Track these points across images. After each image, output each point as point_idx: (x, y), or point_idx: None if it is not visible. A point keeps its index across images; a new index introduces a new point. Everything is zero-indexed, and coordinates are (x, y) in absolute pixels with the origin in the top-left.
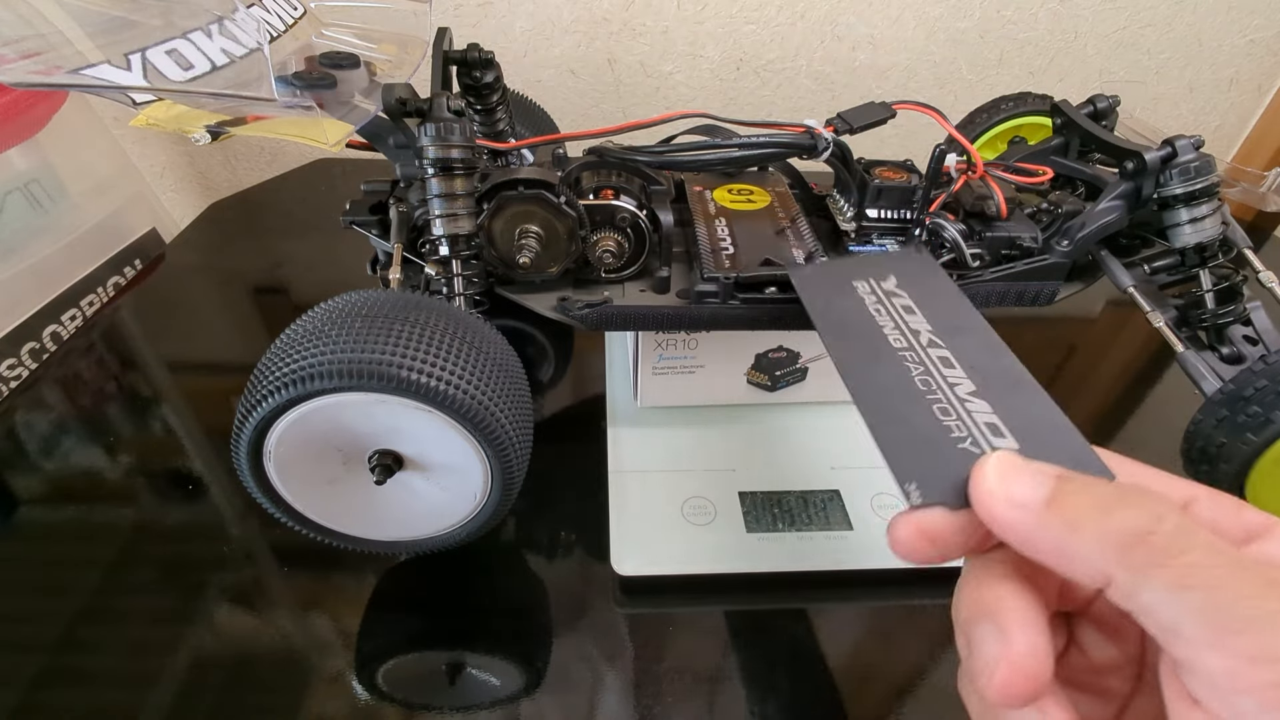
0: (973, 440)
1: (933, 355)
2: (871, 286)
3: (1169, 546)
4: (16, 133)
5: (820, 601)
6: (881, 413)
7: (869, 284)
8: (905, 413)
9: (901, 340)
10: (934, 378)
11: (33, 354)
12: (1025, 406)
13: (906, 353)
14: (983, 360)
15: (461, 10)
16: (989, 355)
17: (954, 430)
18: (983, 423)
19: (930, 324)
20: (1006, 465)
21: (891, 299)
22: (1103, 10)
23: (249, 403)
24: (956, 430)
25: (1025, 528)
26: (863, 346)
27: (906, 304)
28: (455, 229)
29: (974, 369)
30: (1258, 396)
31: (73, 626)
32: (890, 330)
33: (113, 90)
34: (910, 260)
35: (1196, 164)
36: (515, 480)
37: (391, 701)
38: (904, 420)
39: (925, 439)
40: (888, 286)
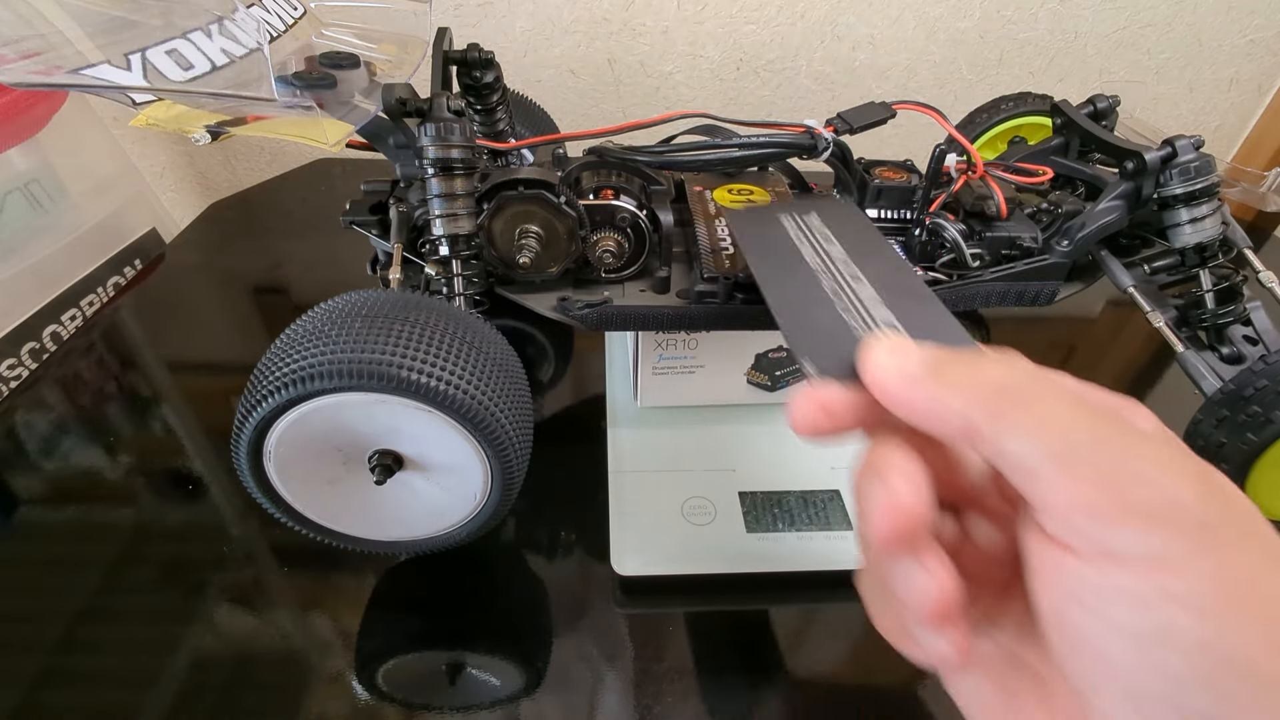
0: (868, 332)
1: (844, 271)
2: (796, 221)
3: (1026, 395)
4: (16, 133)
5: (820, 601)
6: (791, 312)
7: (794, 219)
8: (813, 313)
9: (817, 261)
10: (842, 288)
11: (33, 354)
12: (922, 312)
13: (820, 271)
14: (889, 279)
15: (461, 10)
16: (895, 275)
17: (854, 326)
18: (881, 320)
19: (845, 250)
20: (894, 343)
21: (813, 231)
22: (1103, 10)
23: (249, 403)
24: (856, 326)
25: (905, 392)
26: (781, 266)
27: (825, 234)
28: (455, 229)
29: (880, 285)
30: (1258, 396)
31: (73, 626)
32: (808, 254)
33: (113, 90)
34: (834, 204)
35: (1196, 164)
36: (515, 480)
37: (391, 701)
38: (810, 318)
39: (827, 330)
40: (811, 222)
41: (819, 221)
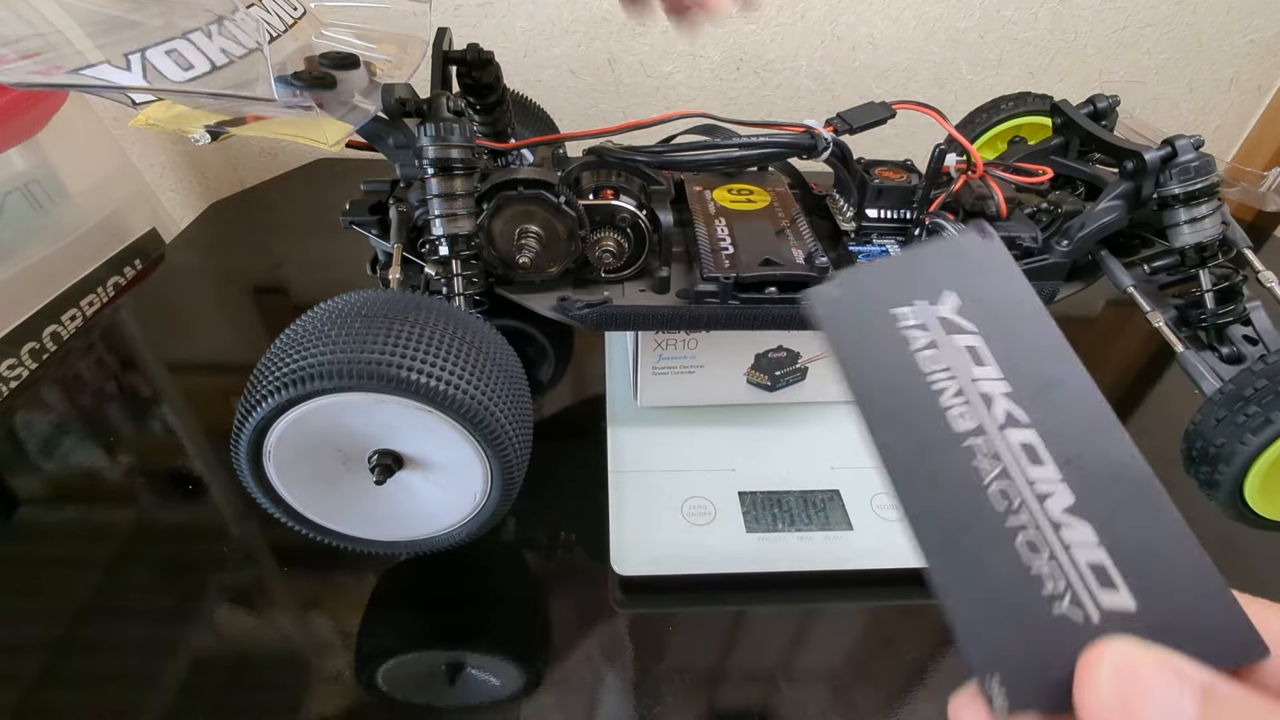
0: (1072, 597)
1: (1012, 441)
2: (921, 316)
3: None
4: (16, 133)
5: (820, 601)
6: (949, 556)
7: (916, 309)
8: (979, 553)
9: (968, 417)
10: (1016, 483)
11: (33, 354)
12: (1140, 526)
13: (976, 439)
14: (1081, 441)
15: (461, 10)
16: (1088, 430)
17: (1047, 581)
18: (1085, 564)
19: (1008, 380)
20: (1129, 670)
21: (951, 336)
22: (1103, 10)
23: (249, 403)
24: (1050, 580)
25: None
26: (913, 429)
27: (973, 345)
28: (455, 229)
29: (1069, 462)
30: (1257, 396)
31: (73, 626)
32: (951, 399)
33: (112, 90)
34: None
35: (1196, 164)
36: (515, 480)
37: (391, 701)
38: (978, 568)
39: (1009, 599)
40: (945, 313)
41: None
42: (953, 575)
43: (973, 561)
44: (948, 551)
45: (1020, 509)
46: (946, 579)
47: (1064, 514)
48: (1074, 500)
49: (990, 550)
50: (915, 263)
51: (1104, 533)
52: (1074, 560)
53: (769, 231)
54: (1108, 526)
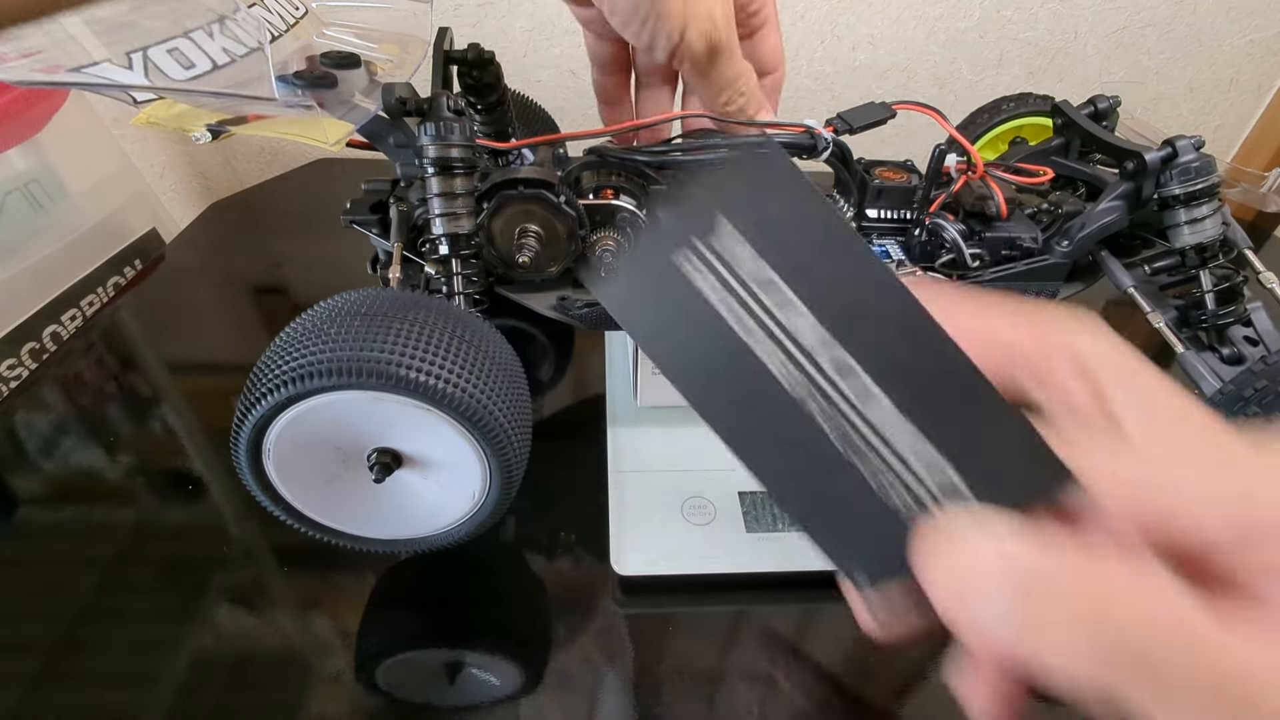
0: (911, 492)
1: (823, 361)
2: (707, 260)
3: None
4: (16, 133)
5: (820, 601)
6: (796, 486)
7: (702, 255)
8: (822, 476)
9: (784, 362)
10: (837, 403)
11: (33, 354)
12: (952, 405)
13: (789, 369)
14: (895, 351)
15: (461, 10)
16: (901, 340)
17: (884, 482)
18: (913, 458)
19: (815, 314)
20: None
21: (744, 277)
22: (1103, 10)
23: (248, 401)
24: (887, 481)
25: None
26: (735, 390)
27: (768, 280)
28: (455, 228)
29: (887, 375)
30: (1258, 397)
31: (73, 626)
32: (762, 345)
33: (114, 88)
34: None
35: (1197, 164)
36: (514, 478)
37: (391, 701)
38: (825, 487)
39: (857, 507)
40: (729, 250)
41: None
42: (801, 494)
43: (814, 479)
44: (791, 477)
45: (846, 426)
46: (797, 500)
47: (891, 423)
48: (897, 406)
49: (827, 466)
50: (682, 200)
51: (923, 421)
52: (901, 455)
53: None
54: (926, 414)
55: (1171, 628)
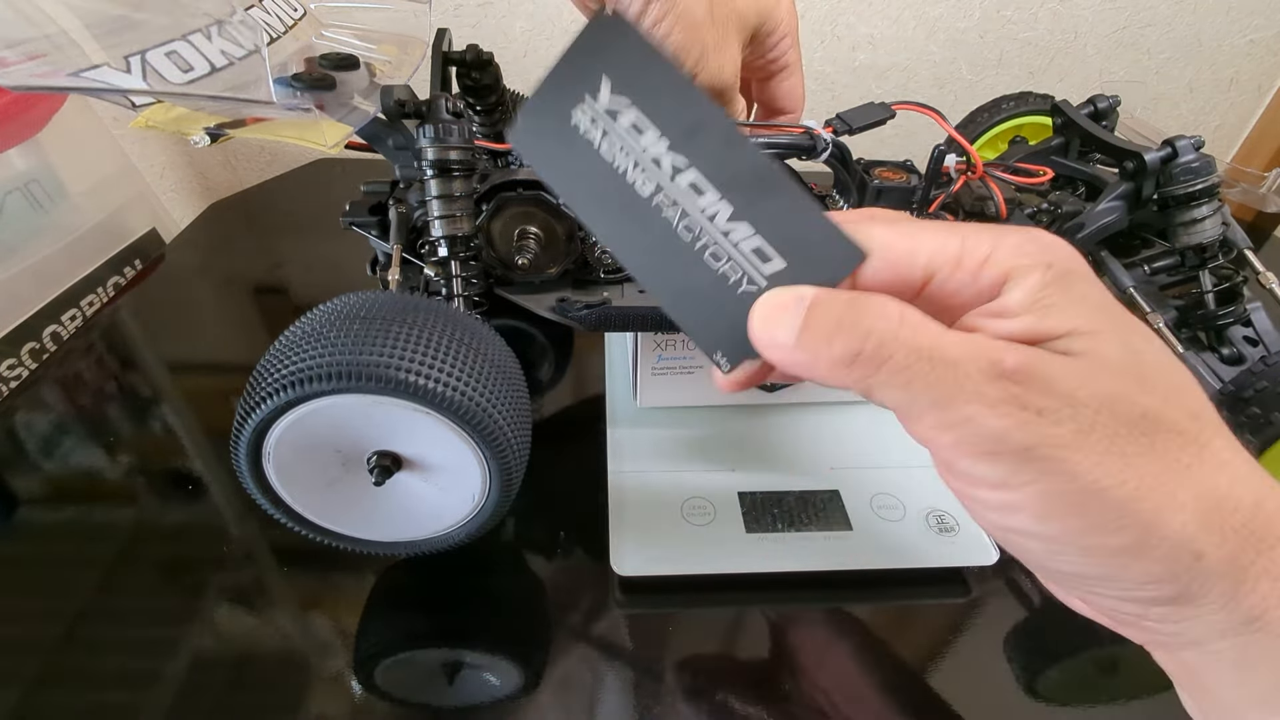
0: (747, 278)
1: (682, 184)
2: (591, 114)
3: (875, 358)
4: (16, 133)
5: (820, 601)
6: (671, 289)
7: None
8: (687, 277)
9: (649, 182)
10: (692, 216)
11: (33, 354)
12: (776, 207)
13: (659, 196)
14: (727, 164)
15: (461, 10)
16: (729, 153)
17: (730, 274)
18: (749, 250)
19: (665, 136)
20: (766, 311)
21: (616, 119)
22: (1103, 10)
23: (248, 404)
24: (732, 273)
25: (788, 365)
26: (620, 212)
27: (633, 119)
28: (454, 230)
29: (723, 183)
30: (1258, 398)
31: (73, 626)
32: (634, 174)
33: (112, 93)
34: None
35: (1197, 165)
36: (513, 481)
37: (391, 701)
38: (689, 286)
39: (712, 298)
40: (605, 102)
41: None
42: (673, 297)
43: (683, 283)
44: (666, 284)
45: (701, 233)
46: (670, 300)
47: (727, 222)
48: (732, 210)
49: (691, 270)
50: (570, 62)
51: (755, 223)
52: (742, 251)
53: None
54: (756, 217)
55: (900, 322)
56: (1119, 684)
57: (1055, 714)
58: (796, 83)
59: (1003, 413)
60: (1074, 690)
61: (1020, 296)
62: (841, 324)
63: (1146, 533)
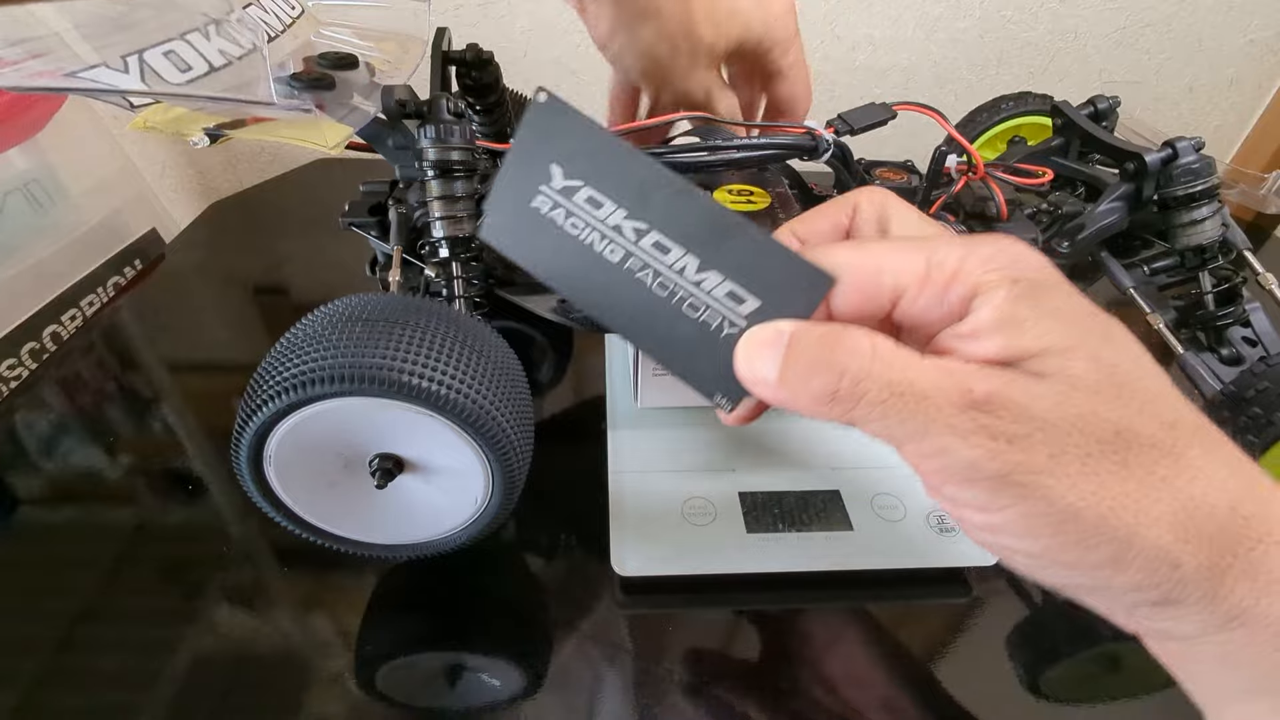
0: (727, 321)
1: (646, 246)
2: (549, 196)
3: (851, 395)
4: (16, 133)
5: (820, 601)
6: (660, 344)
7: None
8: (672, 330)
9: (617, 249)
10: (664, 275)
11: (33, 354)
12: (739, 250)
13: (630, 260)
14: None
15: (461, 10)
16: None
17: (710, 321)
18: (722, 295)
19: (620, 205)
20: (748, 350)
21: (571, 198)
22: (1103, 10)
23: (249, 408)
24: (712, 319)
25: (775, 400)
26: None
27: (589, 194)
28: (455, 231)
29: (683, 238)
30: (1258, 398)
31: (73, 626)
32: (601, 244)
33: (110, 93)
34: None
35: (1197, 166)
36: (516, 484)
37: (391, 702)
38: (675, 337)
39: (700, 346)
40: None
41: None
42: (664, 350)
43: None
44: (655, 340)
45: (676, 287)
46: (662, 354)
47: (697, 273)
48: (699, 261)
49: (675, 323)
50: (521, 153)
51: (722, 269)
52: (716, 298)
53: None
54: (722, 263)
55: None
56: (1121, 683)
57: (1057, 713)
58: (796, 90)
59: (974, 443)
60: (1076, 689)
61: (988, 315)
62: (817, 362)
63: (1124, 547)
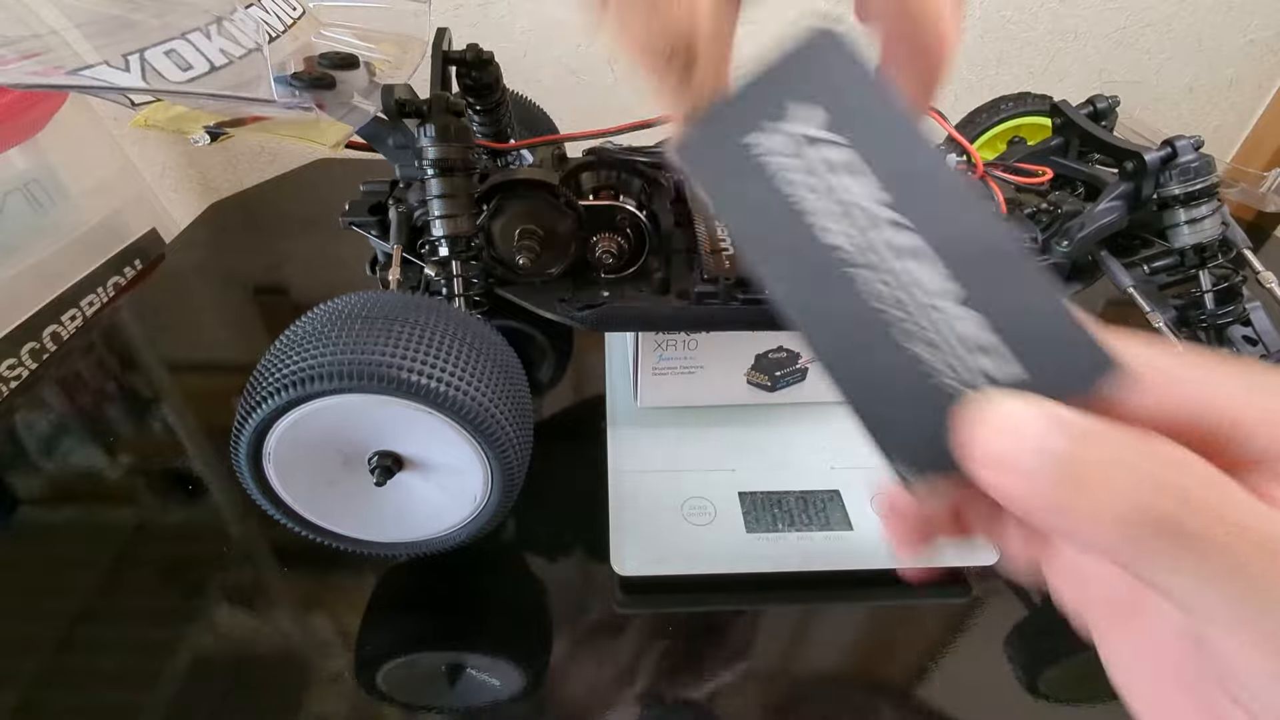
0: (951, 369)
1: (879, 240)
2: (776, 140)
3: (1176, 528)
4: (16, 133)
5: (820, 601)
6: (838, 359)
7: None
8: (867, 352)
9: (835, 228)
10: (888, 281)
11: (33, 354)
12: (1008, 291)
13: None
14: (948, 227)
15: (461, 10)
16: (953, 214)
17: (926, 358)
18: (961, 334)
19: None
20: (1002, 421)
21: (810, 152)
22: (1103, 10)
23: (249, 404)
24: (930, 358)
25: (1019, 500)
26: (790, 258)
27: (832, 156)
28: (455, 230)
29: (937, 248)
30: None
31: (73, 626)
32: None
33: (111, 91)
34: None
35: (1196, 164)
36: (515, 481)
37: (391, 702)
38: (868, 363)
39: (897, 385)
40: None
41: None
42: (844, 372)
43: (860, 358)
44: (838, 356)
45: (895, 303)
46: (840, 375)
47: (936, 297)
48: (943, 281)
49: (874, 345)
50: (765, 78)
51: (975, 304)
52: (951, 334)
53: None
54: (978, 297)
55: (1203, 487)
56: None
57: (1057, 713)
58: None
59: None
60: (1075, 689)
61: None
62: (1135, 470)
63: None
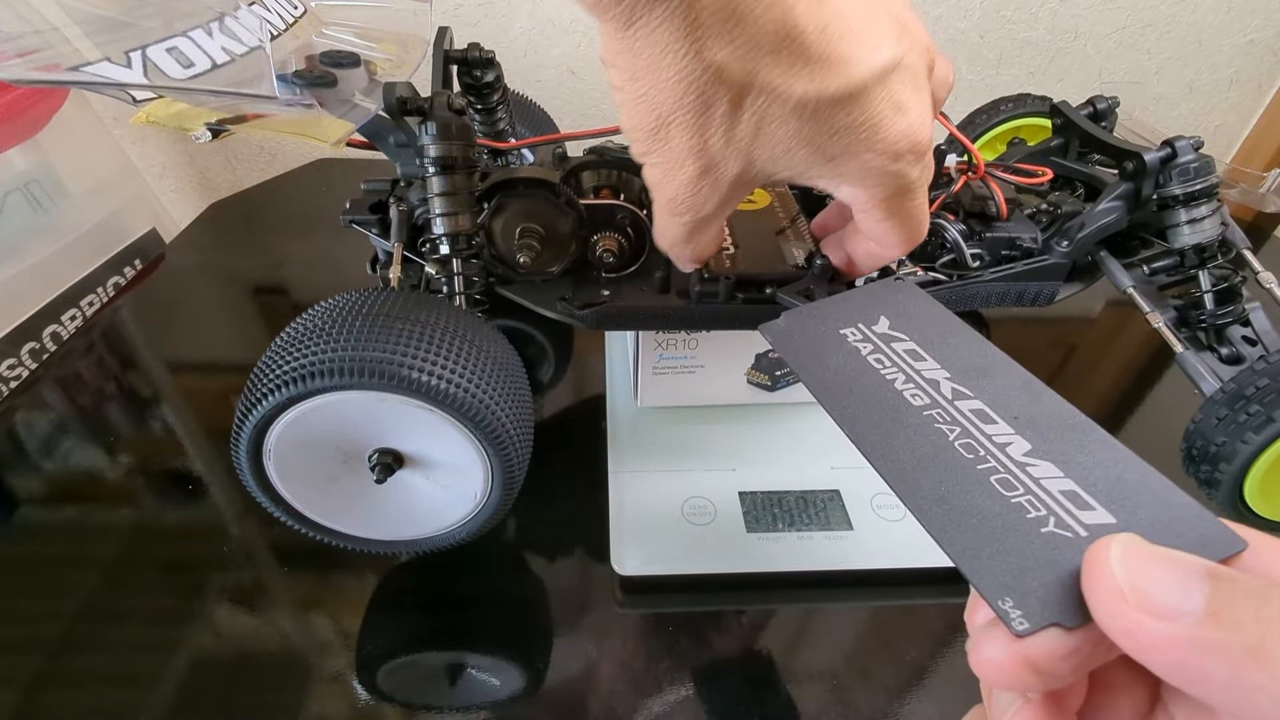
0: (1057, 520)
1: (963, 409)
2: (863, 332)
3: None
4: (16, 133)
5: (820, 601)
6: (934, 503)
7: (859, 330)
8: (963, 496)
9: (921, 395)
10: (976, 439)
11: (33, 354)
12: (1097, 461)
13: (932, 410)
14: (1022, 405)
15: (461, 10)
16: (1027, 397)
17: (1029, 509)
18: (1057, 492)
19: (946, 369)
20: (1135, 557)
21: (890, 344)
22: (1103, 10)
23: (249, 401)
24: (1032, 508)
25: (1176, 649)
26: (877, 411)
27: (910, 348)
28: (456, 228)
29: (1017, 419)
30: (1258, 396)
31: (73, 626)
32: (904, 384)
33: (113, 87)
34: (894, 292)
35: (1196, 165)
36: (516, 479)
37: (391, 702)
38: (965, 507)
39: (1000, 528)
40: (880, 329)
41: (889, 327)
42: (949, 524)
43: (960, 505)
44: (937, 505)
45: (987, 456)
46: (945, 530)
47: (1025, 456)
48: (1031, 446)
49: (970, 491)
50: (849, 299)
51: (1066, 467)
52: (1046, 489)
53: (769, 231)
54: (1067, 462)
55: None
56: None
57: None
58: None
59: None
60: None
61: None
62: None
63: None
